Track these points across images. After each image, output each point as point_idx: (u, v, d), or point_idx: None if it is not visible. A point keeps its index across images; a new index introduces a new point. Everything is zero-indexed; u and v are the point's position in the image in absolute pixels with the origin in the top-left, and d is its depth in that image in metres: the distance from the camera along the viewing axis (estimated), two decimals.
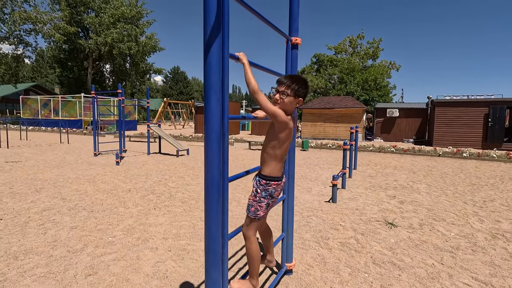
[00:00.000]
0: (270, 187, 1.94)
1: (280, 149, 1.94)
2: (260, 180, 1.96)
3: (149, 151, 10.65)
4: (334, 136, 18.11)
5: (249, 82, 1.75)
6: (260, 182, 1.95)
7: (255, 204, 1.94)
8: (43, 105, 25.53)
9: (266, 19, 2.21)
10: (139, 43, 35.55)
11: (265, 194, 1.93)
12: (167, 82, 71.68)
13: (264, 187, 1.93)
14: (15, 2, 29.16)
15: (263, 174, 1.96)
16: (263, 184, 1.94)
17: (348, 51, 35.53)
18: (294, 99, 1.95)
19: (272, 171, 1.95)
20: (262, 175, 1.96)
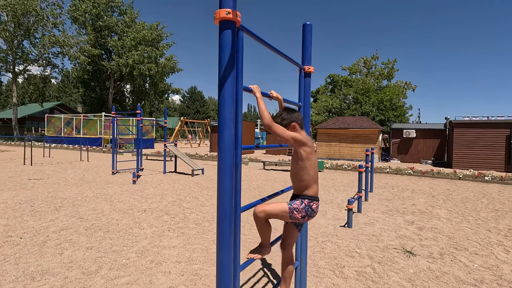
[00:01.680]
0: (313, 205, 2.03)
1: (313, 169, 2.06)
2: (303, 199, 2.03)
3: (165, 170, 10.81)
4: (350, 157, 17.87)
5: (263, 116, 1.83)
6: (304, 201, 2.03)
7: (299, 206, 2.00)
8: (66, 123, 26.58)
9: (279, 50, 2.28)
10: (158, 65, 36.90)
11: (308, 209, 2.01)
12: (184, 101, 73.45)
13: (308, 204, 2.02)
14: (46, 27, 31.10)
15: (307, 194, 2.05)
16: (307, 203, 2.02)
17: (362, 71, 35.60)
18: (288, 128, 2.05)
19: (315, 192, 2.07)
20: (306, 195, 2.04)
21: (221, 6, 1.55)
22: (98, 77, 40.00)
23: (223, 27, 1.55)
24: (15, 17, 28.53)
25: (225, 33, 1.55)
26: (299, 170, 2.04)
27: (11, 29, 29.20)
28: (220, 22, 1.56)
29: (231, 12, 1.53)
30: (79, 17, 35.26)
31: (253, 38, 1.92)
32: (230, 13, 1.53)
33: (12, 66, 30.66)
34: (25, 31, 29.95)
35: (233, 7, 1.55)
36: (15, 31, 29.37)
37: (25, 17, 29.26)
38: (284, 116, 2.08)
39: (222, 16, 1.53)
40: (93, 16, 35.64)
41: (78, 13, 35.12)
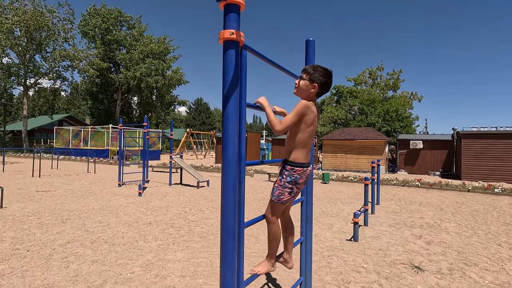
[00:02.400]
0: (295, 172, 1.97)
1: (304, 135, 2.00)
2: (285, 165, 2.01)
3: (171, 182, 10.85)
4: (356, 168, 17.75)
5: (273, 125, 1.88)
6: (286, 167, 2.00)
7: (280, 188, 1.97)
8: (74, 135, 26.97)
9: (282, 67, 2.33)
10: (165, 77, 37.49)
11: (290, 179, 1.97)
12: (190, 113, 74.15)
13: (290, 172, 1.98)
14: (57, 42, 31.97)
15: (289, 160, 2.01)
16: (288, 170, 1.98)
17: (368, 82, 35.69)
18: (310, 84, 2.03)
19: (297, 157, 2.00)
20: (288, 161, 2.01)
21: (225, 27, 1.60)
22: (106, 89, 40.73)
23: (227, 47, 1.60)
24: (28, 32, 29.42)
25: (229, 52, 1.59)
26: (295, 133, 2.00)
27: (24, 43, 30.08)
28: (224, 42, 1.60)
29: (235, 32, 1.58)
30: (89, 32, 36.21)
31: (256, 56, 1.97)
32: (234, 34, 1.57)
33: (23, 79, 31.44)
34: (37, 46, 30.80)
35: (237, 28, 1.60)
36: (27, 46, 30.23)
37: (37, 32, 30.15)
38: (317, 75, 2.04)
39: (226, 37, 1.57)
40: (102, 30, 36.58)
41: (88, 28, 36.09)
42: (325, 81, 2.08)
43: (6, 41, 28.39)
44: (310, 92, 2.05)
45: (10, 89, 32.22)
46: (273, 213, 2.00)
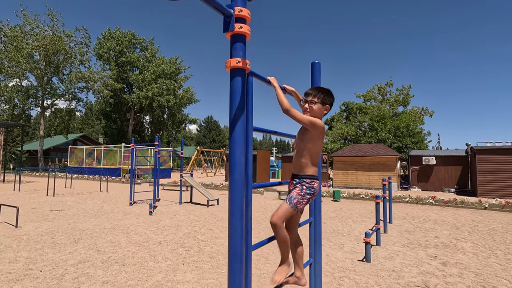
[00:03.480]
0: (314, 184, 2.08)
1: (318, 151, 2.15)
2: (303, 179, 2.08)
3: (181, 200, 10.90)
4: (367, 185, 17.47)
5: (281, 102, 1.95)
6: (305, 181, 2.08)
7: (299, 197, 2.04)
8: (88, 154, 27.53)
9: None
10: (176, 96, 38.33)
11: (309, 191, 2.06)
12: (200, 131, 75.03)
13: (310, 185, 2.07)
14: (73, 65, 33.28)
15: (308, 174, 2.10)
16: (308, 183, 2.07)
17: (377, 98, 35.63)
18: (322, 106, 2.19)
19: (315, 171, 2.13)
20: (306, 175, 2.09)
21: (231, 56, 1.68)
22: (119, 109, 41.78)
23: (234, 75, 1.67)
24: (46, 56, 30.75)
25: (235, 80, 1.67)
26: (306, 149, 2.11)
27: (43, 67, 31.40)
28: (231, 70, 1.68)
29: (241, 61, 1.65)
30: (104, 54, 37.63)
31: (262, 81, 2.04)
32: (240, 62, 1.65)
33: (41, 101, 32.61)
34: (55, 69, 32.09)
35: (243, 56, 1.68)
36: (45, 69, 31.53)
37: (55, 56, 31.48)
38: (327, 97, 2.21)
39: (233, 65, 1.65)
40: (116, 52, 37.96)
41: (103, 51, 37.53)
42: (333, 100, 2.28)
43: (26, 65, 29.70)
44: (323, 114, 2.22)
45: (28, 111, 33.42)
46: (282, 219, 2.01)
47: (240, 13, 1.67)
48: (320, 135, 2.12)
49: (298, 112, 2.04)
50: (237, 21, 1.67)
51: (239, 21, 1.68)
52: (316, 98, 2.17)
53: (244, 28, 1.69)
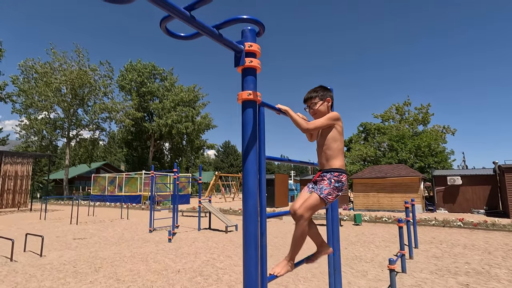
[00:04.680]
0: (343, 178, 2.07)
1: (342, 143, 2.18)
2: (333, 172, 2.07)
3: (200, 227, 10.88)
4: (390, 208, 16.87)
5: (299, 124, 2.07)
6: (334, 174, 2.06)
7: (329, 188, 2.01)
8: (110, 182, 28.24)
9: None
10: (195, 123, 39.26)
11: (338, 185, 2.04)
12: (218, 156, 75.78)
13: (338, 178, 2.05)
14: (97, 96, 35.04)
15: (335, 167, 2.09)
16: (336, 176, 2.06)
17: (395, 118, 35.08)
18: (324, 102, 2.27)
19: (342, 165, 2.13)
20: (334, 169, 2.09)
21: (243, 88, 1.76)
22: (140, 137, 43.11)
23: (245, 106, 1.74)
24: (73, 90, 32.61)
25: (247, 111, 1.74)
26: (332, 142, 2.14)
27: (69, 99, 33.23)
28: (243, 102, 1.75)
29: (252, 93, 1.73)
30: (125, 85, 39.49)
31: (274, 110, 2.10)
32: (251, 94, 1.73)
33: (67, 131, 34.22)
34: (80, 101, 33.87)
35: (254, 88, 1.76)
36: (72, 101, 33.34)
37: (81, 89, 33.33)
38: (322, 92, 2.29)
39: (244, 97, 1.73)
40: (137, 83, 39.78)
41: (125, 82, 39.43)
42: (331, 93, 2.36)
43: (54, 98, 31.54)
44: (328, 107, 2.31)
45: (55, 141, 35.05)
46: (311, 211, 1.97)
47: (250, 48, 1.76)
48: (340, 128, 2.19)
49: (315, 122, 2.13)
50: (247, 56, 1.76)
51: (249, 55, 1.77)
52: (315, 99, 2.28)
53: (254, 62, 1.77)
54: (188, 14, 1.40)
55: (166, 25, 1.55)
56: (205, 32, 1.53)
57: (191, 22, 1.44)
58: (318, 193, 1.99)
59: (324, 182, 2.04)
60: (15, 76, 31.56)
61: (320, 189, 2.01)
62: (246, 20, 1.66)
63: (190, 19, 1.42)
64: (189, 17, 1.41)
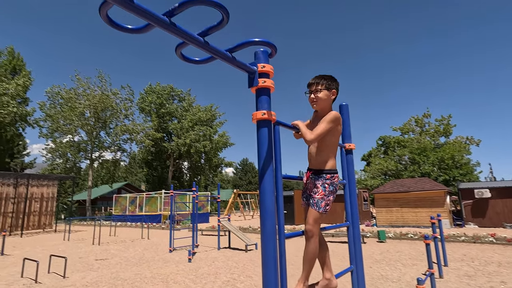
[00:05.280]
0: (335, 179, 2.01)
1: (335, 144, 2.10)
2: (323, 175, 2.01)
3: (219, 246, 10.79)
4: (415, 223, 16.19)
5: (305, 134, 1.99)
6: (325, 177, 2.00)
7: (325, 198, 1.96)
8: (131, 202, 28.72)
9: None
10: (212, 141, 39.79)
11: (332, 188, 1.99)
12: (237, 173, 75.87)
13: (331, 181, 1.99)
14: (119, 119, 36.30)
15: (326, 168, 2.02)
16: (329, 178, 1.99)
17: (415, 130, 34.22)
18: (329, 92, 2.15)
19: (333, 165, 2.05)
20: (325, 170, 2.02)
21: (257, 108, 1.78)
22: (159, 157, 43.98)
23: (260, 126, 1.75)
24: (95, 113, 33.97)
25: (262, 130, 1.74)
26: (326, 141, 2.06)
27: (92, 123, 34.56)
28: (258, 122, 1.77)
29: (266, 113, 1.74)
30: (145, 107, 40.79)
31: (289, 129, 2.10)
32: (266, 114, 1.74)
33: (90, 153, 35.40)
34: (103, 124, 35.16)
35: (268, 108, 1.77)
36: (95, 124, 34.65)
37: (103, 112, 34.67)
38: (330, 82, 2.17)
39: (259, 117, 1.74)
40: (157, 105, 41.03)
41: (145, 104, 40.75)
42: (338, 85, 2.24)
43: (78, 122, 32.91)
44: (331, 99, 2.20)
45: (78, 163, 36.26)
46: (317, 225, 1.96)
47: (263, 69, 1.79)
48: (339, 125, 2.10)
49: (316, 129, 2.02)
50: (260, 76, 1.79)
51: (262, 76, 1.79)
52: (320, 86, 2.14)
53: (268, 82, 1.80)
54: (202, 40, 1.44)
55: (182, 51, 1.60)
56: (218, 56, 1.57)
57: (205, 47, 1.48)
58: (316, 209, 1.97)
59: (317, 193, 1.99)
60: (42, 102, 33.27)
61: (316, 204, 1.98)
62: (258, 42, 1.70)
63: (204, 44, 1.46)
64: (203, 43, 1.45)
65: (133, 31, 1.36)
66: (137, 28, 1.32)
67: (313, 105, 2.17)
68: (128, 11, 1.18)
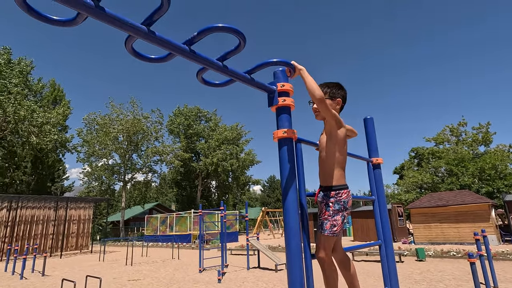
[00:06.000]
0: (341, 197, 1.85)
1: (342, 154, 1.92)
2: (328, 193, 1.87)
3: (249, 265, 10.64)
4: (457, 239, 15.10)
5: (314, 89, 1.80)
6: (329, 194, 1.86)
7: (330, 219, 1.83)
8: (162, 222, 29.28)
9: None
10: (239, 160, 40.16)
11: (338, 206, 1.84)
12: (264, 191, 75.45)
13: (336, 199, 1.84)
14: (150, 141, 37.76)
15: (330, 185, 1.88)
16: (333, 196, 1.85)
17: (451, 140, 32.52)
18: (333, 101, 2.04)
19: (338, 180, 1.88)
20: (330, 187, 1.88)
21: (278, 127, 1.79)
22: (188, 176, 44.92)
23: (282, 144, 1.75)
24: (128, 137, 35.61)
25: (283, 149, 1.74)
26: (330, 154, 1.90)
27: (125, 146, 36.19)
28: (279, 140, 1.77)
29: (287, 131, 1.74)
30: (174, 129, 42.25)
31: (311, 145, 2.08)
32: (286, 132, 1.74)
33: (123, 176, 36.87)
34: (135, 147, 36.71)
35: (289, 126, 1.77)
36: (127, 148, 36.25)
37: (135, 136, 36.28)
38: (335, 90, 2.05)
39: (280, 136, 1.75)
40: (185, 126, 42.39)
41: (174, 126, 42.24)
42: (345, 93, 2.11)
43: (112, 146, 34.60)
44: (336, 109, 2.08)
45: (113, 185, 37.82)
46: (327, 250, 1.85)
47: (282, 88, 1.81)
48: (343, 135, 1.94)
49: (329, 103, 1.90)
50: (280, 95, 1.81)
51: (282, 95, 1.81)
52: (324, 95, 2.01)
53: (288, 100, 1.81)
54: (221, 65, 1.50)
55: (202, 76, 1.66)
56: (238, 78, 1.61)
57: (225, 71, 1.53)
58: (321, 232, 1.87)
59: (323, 214, 1.89)
60: (80, 129, 35.45)
61: (321, 227, 1.87)
62: (277, 62, 1.73)
63: (223, 68, 1.51)
64: (222, 67, 1.50)
65: (156, 60, 1.43)
66: (160, 58, 1.40)
67: (316, 115, 2.06)
68: (151, 43, 1.25)
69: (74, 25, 1.10)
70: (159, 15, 1.19)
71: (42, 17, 1.08)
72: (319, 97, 1.78)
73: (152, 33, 1.22)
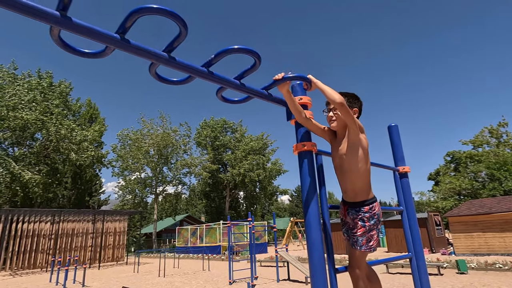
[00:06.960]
0: (375, 210, 1.78)
1: (368, 163, 1.83)
2: (362, 208, 1.79)
3: (278, 278, 10.50)
4: (504, 250, 14.01)
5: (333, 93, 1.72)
6: (363, 210, 1.79)
7: (367, 234, 1.77)
8: (192, 233, 29.74)
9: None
10: (266, 170, 40.14)
11: (373, 221, 1.77)
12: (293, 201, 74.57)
13: (371, 214, 1.77)
14: (179, 154, 38.83)
15: (363, 199, 1.79)
16: (367, 211, 1.77)
17: (490, 142, 30.54)
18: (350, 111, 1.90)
19: (369, 193, 1.81)
20: (363, 202, 1.79)
21: (297, 140, 1.82)
22: (216, 188, 45.48)
23: (302, 157, 1.77)
24: (158, 151, 36.87)
25: (304, 162, 1.76)
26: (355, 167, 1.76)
27: (155, 159, 37.46)
28: (299, 153, 1.79)
29: (306, 144, 1.76)
30: (201, 141, 43.19)
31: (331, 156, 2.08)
32: (306, 145, 1.76)
33: (155, 188, 38.07)
34: (165, 160, 37.89)
35: (308, 139, 1.79)
36: (158, 161, 37.49)
37: (165, 149, 37.49)
38: (352, 100, 1.99)
39: (299, 149, 1.77)
40: (212, 138, 43.22)
41: (201, 138, 43.21)
42: (361, 104, 2.06)
43: (144, 160, 35.94)
44: None
45: (145, 198, 39.12)
46: (362, 265, 1.82)
47: (300, 101, 1.84)
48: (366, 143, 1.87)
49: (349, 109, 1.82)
50: None
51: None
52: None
53: (307, 113, 1.83)
54: (238, 83, 1.56)
55: (222, 94, 1.74)
56: (255, 95, 1.67)
57: (242, 89, 1.59)
58: (358, 249, 1.79)
59: (357, 230, 1.80)
60: (114, 145, 37.25)
61: (356, 242, 1.79)
62: (293, 78, 1.76)
63: (240, 86, 1.58)
64: (239, 85, 1.57)
65: (178, 83, 1.52)
66: (180, 80, 1.48)
67: (331, 123, 1.96)
68: (172, 68, 1.34)
69: (103, 56, 1.21)
70: (179, 42, 1.28)
71: (76, 51, 1.20)
72: (340, 101, 1.69)
73: (172, 59, 1.30)
